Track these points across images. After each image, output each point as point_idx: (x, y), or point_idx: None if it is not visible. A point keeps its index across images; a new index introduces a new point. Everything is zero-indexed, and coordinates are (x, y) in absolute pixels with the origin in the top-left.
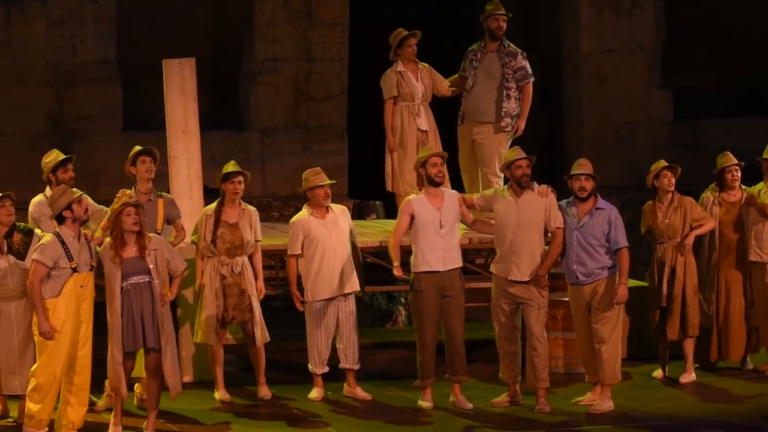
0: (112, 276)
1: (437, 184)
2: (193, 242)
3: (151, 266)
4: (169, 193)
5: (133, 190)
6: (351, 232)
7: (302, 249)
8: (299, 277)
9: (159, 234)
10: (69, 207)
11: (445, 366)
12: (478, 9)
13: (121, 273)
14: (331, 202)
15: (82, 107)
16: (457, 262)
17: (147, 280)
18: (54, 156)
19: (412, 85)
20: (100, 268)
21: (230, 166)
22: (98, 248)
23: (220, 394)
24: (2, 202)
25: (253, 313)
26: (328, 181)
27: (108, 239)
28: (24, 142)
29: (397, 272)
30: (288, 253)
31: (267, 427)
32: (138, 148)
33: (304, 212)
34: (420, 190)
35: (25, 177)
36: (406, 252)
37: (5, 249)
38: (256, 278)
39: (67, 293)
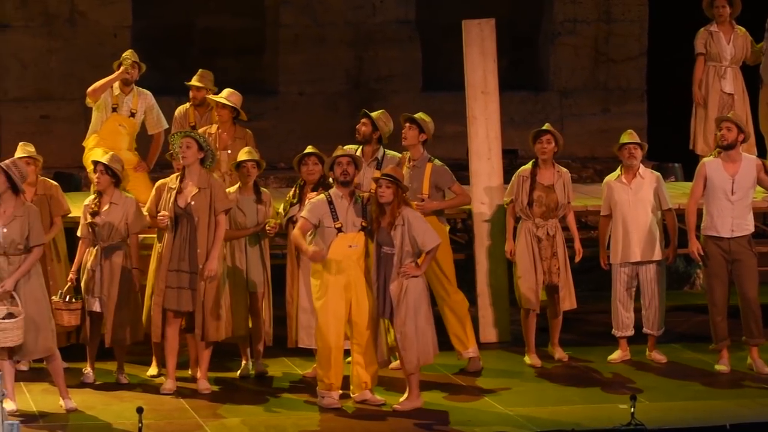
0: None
1: (723, 149)
2: (505, 204)
3: (396, 241)
4: (466, 153)
5: (407, 153)
6: (660, 199)
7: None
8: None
9: (423, 200)
10: (332, 168)
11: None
12: None
13: (377, 241)
14: None
15: (381, 67)
16: (747, 229)
17: (392, 252)
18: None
19: (721, 46)
20: (372, 230)
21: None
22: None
23: (531, 358)
24: (305, 160)
25: (560, 276)
26: (632, 141)
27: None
28: (324, 101)
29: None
30: (601, 213)
31: (564, 387)
32: (406, 116)
33: (615, 173)
34: (718, 153)
35: (324, 135)
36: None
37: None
38: (572, 239)
39: (334, 253)
